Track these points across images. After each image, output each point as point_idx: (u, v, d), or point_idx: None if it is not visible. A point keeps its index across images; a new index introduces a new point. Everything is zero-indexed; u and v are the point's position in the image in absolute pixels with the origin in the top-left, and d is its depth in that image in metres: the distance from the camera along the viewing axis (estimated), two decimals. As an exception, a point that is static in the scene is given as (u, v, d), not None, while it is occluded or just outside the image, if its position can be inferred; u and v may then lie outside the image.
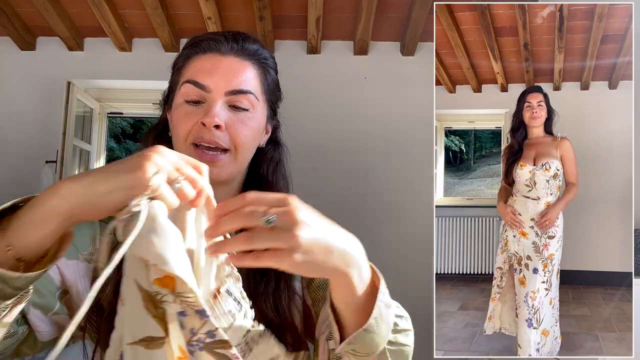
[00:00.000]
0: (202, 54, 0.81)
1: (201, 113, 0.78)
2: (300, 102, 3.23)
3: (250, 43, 0.83)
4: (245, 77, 0.80)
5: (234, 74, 0.79)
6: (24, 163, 3.21)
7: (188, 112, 0.79)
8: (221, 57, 0.80)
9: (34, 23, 3.21)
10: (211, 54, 0.80)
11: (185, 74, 0.81)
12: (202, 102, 0.79)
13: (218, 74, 0.79)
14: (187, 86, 0.79)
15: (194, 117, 0.78)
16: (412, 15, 2.97)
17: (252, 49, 0.83)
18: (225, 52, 0.80)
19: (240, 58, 0.81)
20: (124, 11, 3.08)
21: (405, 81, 3.31)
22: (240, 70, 0.80)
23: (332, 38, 3.36)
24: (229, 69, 0.80)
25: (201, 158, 0.74)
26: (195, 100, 0.79)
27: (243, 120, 0.79)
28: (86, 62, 3.35)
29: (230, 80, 0.79)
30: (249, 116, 0.80)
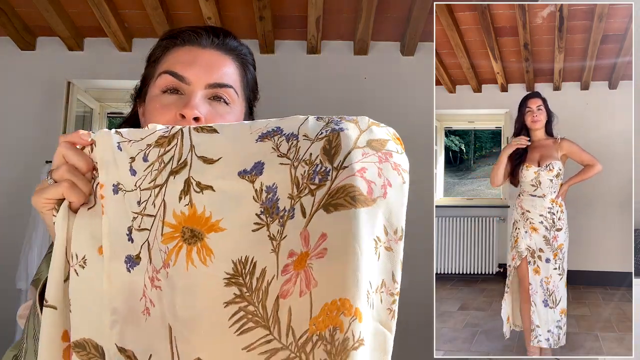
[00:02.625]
0: (181, 46, 0.78)
1: (179, 105, 0.74)
2: (300, 102, 3.24)
3: (231, 39, 0.81)
4: (225, 71, 0.78)
5: (214, 67, 0.77)
6: (24, 163, 3.21)
7: (165, 104, 0.75)
8: (201, 50, 0.78)
9: (34, 23, 3.21)
10: (191, 46, 0.78)
11: (163, 66, 0.78)
12: (181, 93, 0.76)
13: (198, 66, 0.76)
14: (165, 77, 0.76)
15: (171, 109, 0.74)
16: (412, 15, 2.97)
17: (233, 45, 0.81)
18: (205, 46, 0.78)
19: (220, 52, 0.79)
20: (124, 11, 3.08)
21: (405, 81, 3.31)
22: (221, 64, 0.78)
23: (332, 38, 3.36)
24: (210, 62, 0.77)
25: None
26: (172, 90, 0.76)
27: (222, 114, 0.76)
28: (86, 62, 3.35)
29: (210, 73, 0.76)
30: (228, 110, 0.77)
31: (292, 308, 0.49)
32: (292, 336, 0.48)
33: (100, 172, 0.60)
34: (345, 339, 0.47)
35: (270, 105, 3.09)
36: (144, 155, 0.59)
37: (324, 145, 0.53)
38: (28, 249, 2.95)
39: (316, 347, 0.47)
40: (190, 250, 0.54)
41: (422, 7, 2.86)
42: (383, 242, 0.51)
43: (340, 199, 0.49)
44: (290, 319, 0.49)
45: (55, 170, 0.60)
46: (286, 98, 3.30)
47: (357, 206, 0.49)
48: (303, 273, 0.49)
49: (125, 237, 0.58)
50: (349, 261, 0.48)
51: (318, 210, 0.50)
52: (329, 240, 0.49)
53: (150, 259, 0.56)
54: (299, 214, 0.51)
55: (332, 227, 0.49)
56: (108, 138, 0.60)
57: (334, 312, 0.47)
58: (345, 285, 0.47)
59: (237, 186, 0.54)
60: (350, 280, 0.47)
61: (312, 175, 0.51)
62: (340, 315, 0.47)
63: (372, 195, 0.50)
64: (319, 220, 0.50)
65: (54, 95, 3.22)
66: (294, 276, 0.50)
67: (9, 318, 2.97)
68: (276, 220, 0.52)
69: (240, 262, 0.52)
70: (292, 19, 3.15)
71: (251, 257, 0.52)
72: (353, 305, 0.47)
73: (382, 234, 0.51)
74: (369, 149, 0.52)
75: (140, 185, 0.58)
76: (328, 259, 0.48)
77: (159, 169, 0.57)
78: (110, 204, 0.59)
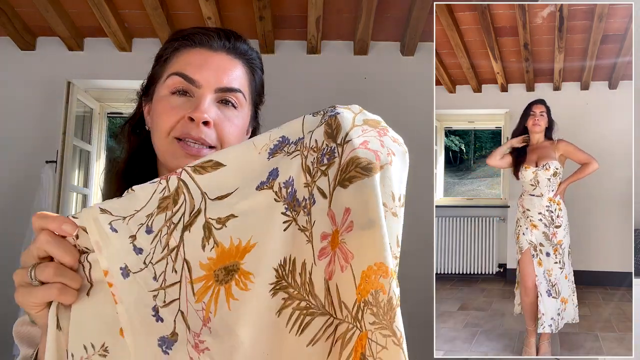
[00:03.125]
0: (192, 47, 0.78)
1: (188, 107, 0.74)
2: (300, 102, 3.23)
3: (241, 42, 0.81)
4: (235, 75, 0.78)
5: (224, 71, 0.77)
6: (24, 163, 3.21)
7: (174, 106, 0.75)
8: (212, 53, 0.77)
9: (34, 23, 3.21)
10: (201, 49, 0.77)
11: (173, 66, 0.78)
12: (190, 96, 0.76)
13: (208, 69, 0.76)
14: (175, 78, 0.76)
15: (180, 111, 0.74)
16: (412, 15, 2.97)
17: (243, 49, 0.80)
18: (216, 49, 0.78)
19: (231, 56, 0.79)
20: (124, 11, 3.08)
21: (405, 81, 3.31)
22: (231, 68, 0.78)
23: (332, 38, 3.36)
24: (220, 65, 0.77)
25: (186, 151, 0.73)
26: (182, 92, 0.75)
27: (230, 118, 0.77)
28: (86, 62, 3.35)
29: (220, 77, 0.76)
30: (236, 114, 0.77)
31: (339, 285, 0.51)
32: (345, 310, 0.50)
33: (100, 258, 0.54)
34: (389, 298, 0.49)
35: (270, 105, 3.08)
36: (146, 228, 0.55)
37: (324, 130, 0.54)
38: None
39: (364, 312, 0.49)
40: (229, 287, 0.53)
41: (422, 7, 2.86)
42: (390, 208, 0.53)
43: (352, 171, 0.51)
44: (339, 295, 0.51)
45: (40, 270, 0.53)
46: (286, 98, 3.30)
47: (369, 175, 0.51)
48: (339, 250, 0.51)
49: (153, 319, 0.53)
50: (376, 227, 0.50)
51: (335, 188, 0.52)
52: (352, 213, 0.51)
53: (188, 327, 0.53)
54: (319, 197, 0.53)
55: (352, 200, 0.51)
56: (96, 222, 0.54)
57: (372, 277, 0.49)
58: (377, 250, 0.50)
59: (258, 199, 0.54)
60: (380, 245, 0.50)
61: (321, 159, 0.53)
62: (380, 279, 0.49)
63: (379, 162, 0.52)
64: (339, 196, 0.52)
65: (54, 95, 3.22)
66: (332, 256, 0.51)
67: (9, 318, 2.98)
68: (300, 211, 0.54)
69: (281, 266, 0.53)
70: (292, 19, 3.15)
71: (289, 255, 0.53)
72: (388, 267, 0.49)
73: (390, 200, 0.53)
74: (367, 126, 0.55)
75: (152, 260, 0.54)
76: (356, 230, 0.50)
77: (169, 232, 0.55)
78: (123, 290, 0.54)
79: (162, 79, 0.78)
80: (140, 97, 0.85)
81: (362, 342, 0.49)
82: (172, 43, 0.80)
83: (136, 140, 0.85)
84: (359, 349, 0.49)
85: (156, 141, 0.77)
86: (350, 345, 0.49)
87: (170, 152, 0.75)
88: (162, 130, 0.75)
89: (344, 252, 0.51)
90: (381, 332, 0.48)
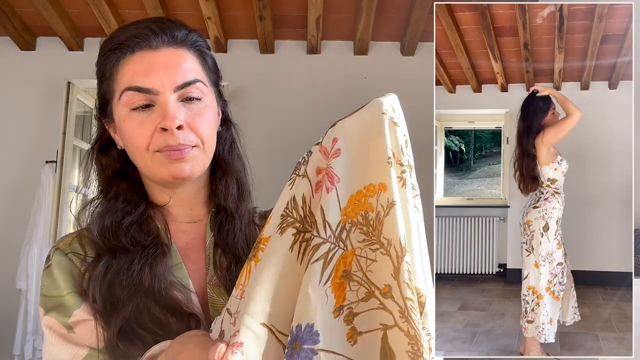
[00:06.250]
0: (131, 54, 0.73)
1: (155, 118, 0.71)
2: (300, 102, 3.24)
3: (178, 29, 0.76)
4: (186, 66, 0.74)
5: (174, 66, 0.73)
6: (24, 163, 3.21)
7: (140, 122, 0.72)
8: (154, 53, 0.73)
9: (34, 23, 3.21)
10: (141, 52, 0.73)
11: (121, 81, 0.73)
12: (152, 105, 0.72)
13: (158, 71, 0.71)
14: (129, 94, 0.72)
15: (149, 125, 0.71)
16: (412, 15, 2.97)
17: (182, 35, 0.76)
18: (156, 46, 0.73)
19: (173, 48, 0.74)
20: (124, 11, 3.08)
21: (405, 81, 3.30)
22: (180, 61, 0.74)
23: (332, 38, 3.36)
24: (168, 63, 0.73)
25: (171, 158, 0.72)
26: (143, 105, 0.72)
27: (200, 112, 0.74)
28: (86, 62, 3.33)
29: (174, 75, 0.72)
30: (203, 106, 0.75)
31: (323, 206, 0.54)
32: (329, 230, 0.53)
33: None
34: (377, 213, 0.52)
35: (270, 105, 3.13)
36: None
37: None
38: (28, 249, 2.95)
39: (351, 233, 0.52)
40: (256, 258, 0.57)
41: (422, 7, 2.86)
42: (389, 117, 0.55)
43: (338, 122, 0.57)
44: (324, 216, 0.54)
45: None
46: (286, 98, 3.30)
47: (352, 114, 0.56)
48: (325, 173, 0.55)
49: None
50: (361, 151, 0.54)
51: (328, 131, 0.57)
52: (339, 140, 0.55)
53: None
54: (314, 147, 0.58)
55: (340, 131, 0.56)
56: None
57: (361, 200, 0.53)
58: (365, 172, 0.53)
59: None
60: (369, 166, 0.53)
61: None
62: (368, 199, 0.52)
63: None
64: (329, 133, 0.57)
65: (54, 95, 3.22)
66: (320, 179, 0.56)
67: (9, 318, 2.97)
68: (301, 167, 0.58)
69: (286, 209, 0.57)
70: (292, 19, 3.15)
71: (292, 196, 0.57)
72: (375, 184, 0.52)
73: (390, 110, 0.56)
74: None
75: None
76: (343, 154, 0.54)
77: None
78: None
79: (116, 97, 0.74)
80: (99, 119, 0.81)
81: (345, 261, 0.52)
82: (109, 56, 0.75)
83: (109, 161, 0.81)
84: (341, 267, 0.52)
85: (136, 158, 0.75)
86: (331, 264, 0.52)
87: (156, 163, 0.73)
88: (139, 148, 0.73)
89: (330, 175, 0.54)
90: (370, 247, 0.51)
